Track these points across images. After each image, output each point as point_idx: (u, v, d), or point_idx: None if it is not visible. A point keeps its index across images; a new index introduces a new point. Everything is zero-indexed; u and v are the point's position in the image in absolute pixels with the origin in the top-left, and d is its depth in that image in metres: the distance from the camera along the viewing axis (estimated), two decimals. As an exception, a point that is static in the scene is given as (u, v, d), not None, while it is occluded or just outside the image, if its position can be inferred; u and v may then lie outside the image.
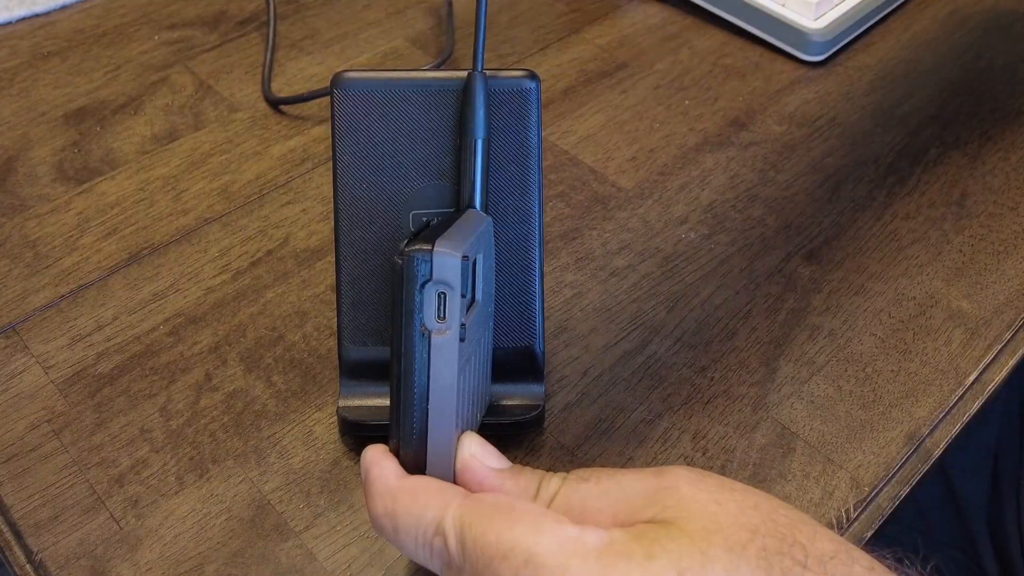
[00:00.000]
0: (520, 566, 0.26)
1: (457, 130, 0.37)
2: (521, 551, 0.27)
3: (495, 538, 0.27)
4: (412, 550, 0.30)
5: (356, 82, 0.37)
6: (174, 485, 0.39)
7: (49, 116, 0.55)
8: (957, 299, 0.46)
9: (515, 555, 0.27)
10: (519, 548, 0.27)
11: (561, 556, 0.26)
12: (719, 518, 0.27)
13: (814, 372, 0.43)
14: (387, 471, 0.31)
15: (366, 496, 0.31)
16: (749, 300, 0.46)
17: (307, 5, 0.64)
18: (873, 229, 0.50)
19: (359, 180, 0.38)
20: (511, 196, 0.38)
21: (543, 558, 0.26)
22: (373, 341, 0.39)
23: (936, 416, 0.41)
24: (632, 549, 0.26)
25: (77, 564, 0.36)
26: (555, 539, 0.27)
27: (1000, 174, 0.52)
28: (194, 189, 0.51)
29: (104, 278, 0.47)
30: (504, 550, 0.27)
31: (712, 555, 0.26)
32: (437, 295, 0.31)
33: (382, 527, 0.31)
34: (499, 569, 0.27)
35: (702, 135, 0.55)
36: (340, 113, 0.38)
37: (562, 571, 0.26)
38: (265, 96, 0.57)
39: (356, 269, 0.38)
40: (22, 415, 0.41)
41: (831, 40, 0.59)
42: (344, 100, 0.37)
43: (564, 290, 0.46)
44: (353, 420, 0.39)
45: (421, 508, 0.30)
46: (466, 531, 0.28)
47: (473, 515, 0.28)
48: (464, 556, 0.28)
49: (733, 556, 0.26)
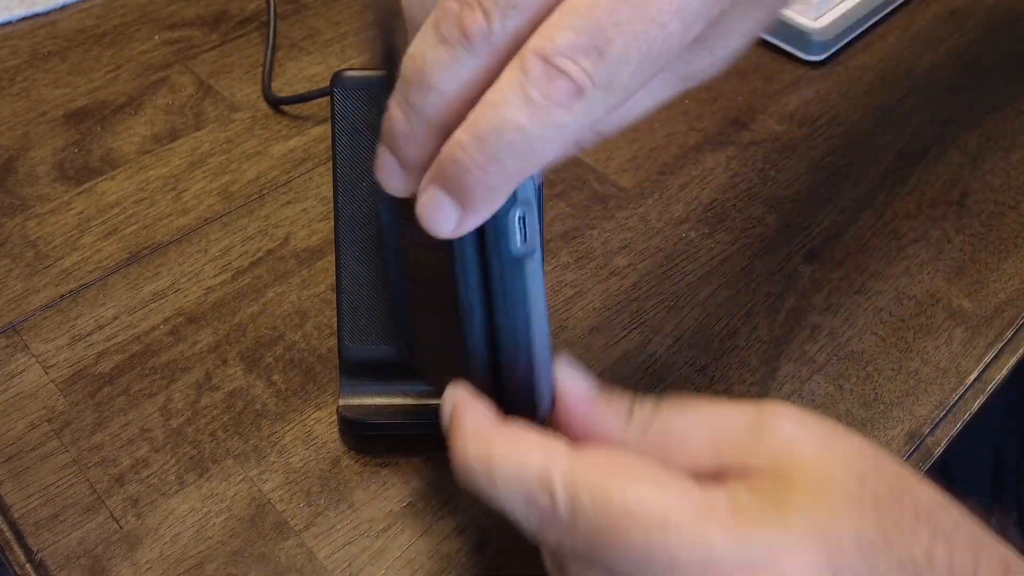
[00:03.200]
0: (654, 528, 0.25)
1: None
2: (654, 513, 0.25)
3: (619, 495, 0.25)
4: (506, 499, 0.27)
5: (356, 82, 0.37)
6: (174, 484, 0.39)
7: (49, 116, 0.55)
8: (958, 298, 0.46)
9: (646, 517, 0.25)
10: (650, 510, 0.25)
11: (697, 522, 0.25)
12: (831, 467, 0.26)
13: (815, 371, 0.43)
14: (481, 413, 0.29)
15: (453, 438, 0.29)
16: (749, 299, 0.46)
17: (307, 5, 0.64)
18: (874, 228, 0.50)
19: (359, 180, 0.38)
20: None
21: (679, 523, 0.25)
22: (373, 340, 0.39)
23: (937, 415, 0.41)
24: (765, 511, 0.25)
25: (77, 563, 0.36)
26: (688, 502, 0.25)
27: (1000, 173, 0.52)
28: (194, 189, 0.51)
29: (104, 278, 0.47)
30: (630, 507, 0.25)
31: (838, 511, 0.25)
32: (518, 218, 0.29)
33: (472, 471, 0.28)
34: (627, 528, 0.25)
35: (702, 134, 0.55)
36: (340, 113, 0.38)
37: (702, 536, 0.24)
38: (265, 96, 0.57)
39: (356, 268, 0.38)
40: (22, 414, 0.41)
41: (831, 40, 0.59)
42: (344, 100, 0.37)
43: (564, 289, 0.46)
44: (354, 419, 0.39)
45: (523, 457, 0.27)
46: (581, 490, 0.26)
47: (587, 472, 0.26)
48: (576, 515, 0.26)
49: (854, 509, 0.25)
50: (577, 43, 0.23)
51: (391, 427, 0.39)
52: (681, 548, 0.24)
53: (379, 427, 0.39)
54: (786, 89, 0.58)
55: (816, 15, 0.59)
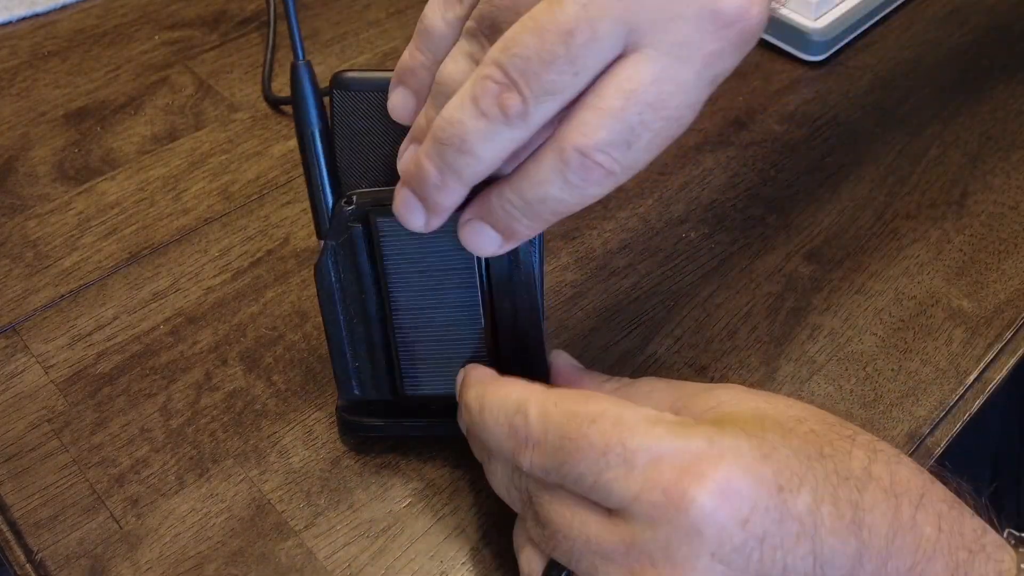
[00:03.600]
0: (609, 427, 0.29)
1: None
2: (610, 416, 0.29)
3: (583, 408, 0.30)
4: (491, 429, 0.32)
5: (356, 82, 0.37)
6: (174, 485, 0.39)
7: (49, 116, 0.55)
8: (958, 298, 0.46)
9: (604, 419, 0.29)
10: (608, 414, 0.29)
11: (645, 423, 0.29)
12: (768, 411, 0.31)
13: (815, 371, 0.43)
14: (486, 370, 0.34)
15: (462, 388, 0.34)
16: (749, 299, 0.46)
17: (307, 5, 0.64)
18: (874, 228, 0.50)
19: (359, 180, 0.38)
20: None
21: (631, 422, 0.29)
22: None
23: (936, 415, 0.41)
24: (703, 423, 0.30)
25: (77, 563, 0.36)
26: (639, 411, 0.30)
27: (1000, 173, 0.52)
28: (194, 189, 0.51)
29: (104, 278, 0.46)
30: (593, 415, 0.29)
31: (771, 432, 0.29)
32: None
33: (469, 408, 0.33)
34: (587, 431, 0.29)
35: (702, 135, 0.55)
36: (340, 113, 0.38)
37: (647, 430, 0.29)
38: (265, 96, 0.57)
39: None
40: (22, 415, 0.41)
41: (831, 40, 0.59)
42: (344, 100, 0.37)
43: (564, 289, 0.46)
44: (353, 419, 0.39)
45: (508, 391, 0.32)
46: (550, 407, 0.30)
47: (558, 396, 0.31)
48: (547, 426, 0.30)
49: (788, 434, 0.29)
50: (611, 140, 0.28)
51: (390, 428, 0.39)
52: (634, 443, 0.28)
53: (378, 428, 0.39)
54: (786, 89, 0.58)
55: (816, 15, 0.59)
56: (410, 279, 0.36)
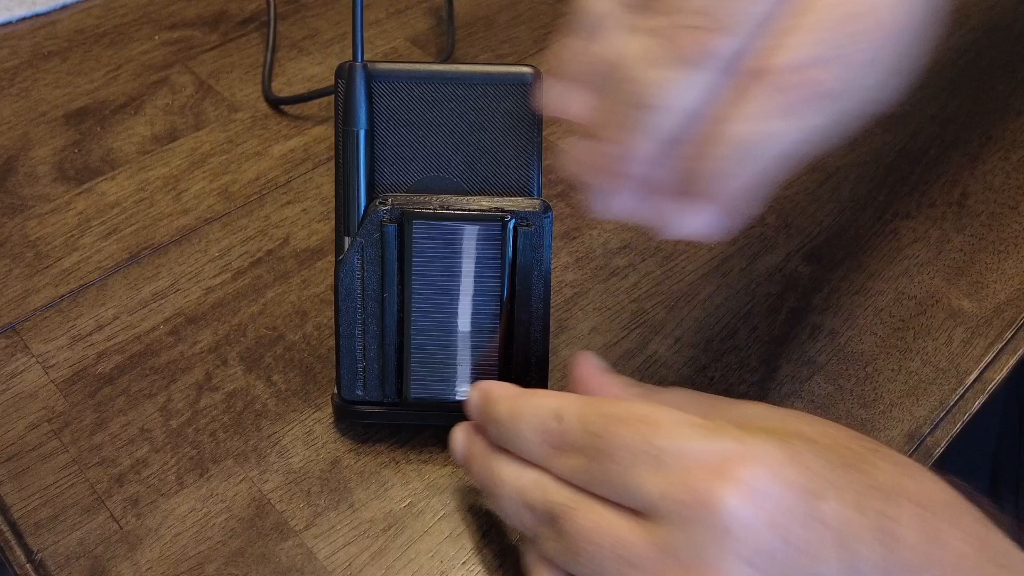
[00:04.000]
0: (639, 423, 0.29)
1: (459, 123, 0.37)
2: (640, 415, 0.30)
3: (614, 409, 0.30)
4: (526, 435, 0.32)
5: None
6: (174, 485, 0.39)
7: (49, 116, 0.55)
8: (958, 298, 0.46)
9: (634, 418, 0.30)
10: (638, 412, 0.30)
11: (675, 424, 0.29)
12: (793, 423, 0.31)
13: (815, 371, 0.43)
14: (509, 385, 0.34)
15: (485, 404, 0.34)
16: (749, 299, 0.46)
17: (307, 5, 0.64)
18: (874, 228, 0.50)
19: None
20: (512, 194, 0.38)
21: (661, 422, 0.29)
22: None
23: (936, 415, 0.41)
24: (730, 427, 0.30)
25: (77, 564, 0.36)
26: (670, 413, 0.30)
27: (1000, 173, 0.52)
28: (194, 189, 0.51)
29: (104, 278, 0.47)
30: (623, 416, 0.30)
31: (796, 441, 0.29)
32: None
33: (499, 420, 0.33)
34: (618, 430, 0.29)
35: (702, 135, 0.55)
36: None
37: (677, 430, 0.29)
38: (265, 96, 0.57)
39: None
40: (22, 415, 0.41)
41: (831, 40, 0.59)
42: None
43: (564, 289, 0.46)
44: (350, 407, 0.39)
45: (542, 400, 0.32)
46: (584, 410, 0.31)
47: (591, 400, 0.32)
48: (580, 427, 0.30)
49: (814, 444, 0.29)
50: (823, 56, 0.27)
51: (386, 416, 0.39)
52: (664, 442, 0.28)
53: (375, 416, 0.39)
54: (786, 89, 0.58)
55: (816, 15, 0.59)
56: (435, 283, 0.36)
